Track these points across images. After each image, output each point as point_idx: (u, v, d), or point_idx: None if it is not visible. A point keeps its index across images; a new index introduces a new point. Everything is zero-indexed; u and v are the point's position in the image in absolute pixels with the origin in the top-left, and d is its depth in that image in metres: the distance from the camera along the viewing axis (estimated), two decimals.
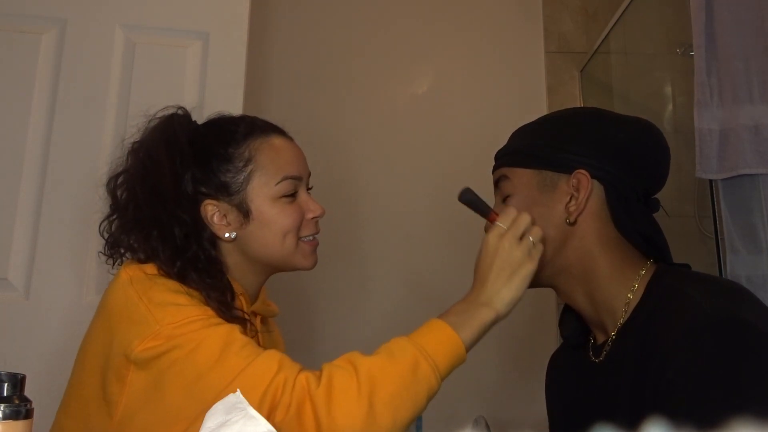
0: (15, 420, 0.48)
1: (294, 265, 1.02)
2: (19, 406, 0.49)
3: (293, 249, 1.00)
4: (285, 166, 1.01)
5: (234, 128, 1.01)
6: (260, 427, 0.49)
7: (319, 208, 1.04)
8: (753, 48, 1.28)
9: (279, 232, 0.98)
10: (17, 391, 0.50)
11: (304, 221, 1.01)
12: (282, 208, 0.99)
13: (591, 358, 0.93)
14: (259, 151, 0.99)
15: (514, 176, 0.94)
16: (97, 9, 1.54)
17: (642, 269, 0.88)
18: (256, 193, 0.98)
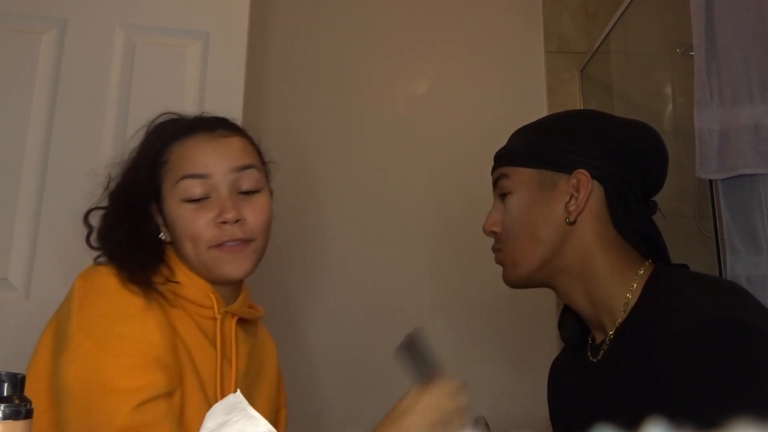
0: (15, 420, 0.48)
1: (215, 273, 0.94)
2: (19, 406, 0.49)
3: (205, 257, 0.93)
4: (187, 165, 0.94)
5: (164, 132, 1.00)
6: (260, 427, 0.49)
7: (227, 210, 0.92)
8: (753, 48, 1.28)
9: (187, 238, 0.93)
10: (17, 391, 0.50)
11: (214, 225, 0.92)
12: (184, 214, 0.93)
13: (589, 357, 0.94)
14: (172, 153, 0.96)
15: (514, 175, 0.95)
16: (97, 9, 1.54)
17: (640, 269, 0.89)
18: (165, 196, 0.95)
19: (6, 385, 0.50)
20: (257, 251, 0.97)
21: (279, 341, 1.17)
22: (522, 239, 0.94)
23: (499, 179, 0.98)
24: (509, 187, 0.96)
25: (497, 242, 0.99)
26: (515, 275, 0.96)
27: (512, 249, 0.95)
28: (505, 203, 0.96)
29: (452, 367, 2.06)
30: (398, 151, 2.07)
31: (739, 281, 1.27)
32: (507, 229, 0.96)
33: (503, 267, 0.98)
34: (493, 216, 0.98)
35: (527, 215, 0.93)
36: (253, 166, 0.98)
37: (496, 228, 0.98)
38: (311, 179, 2.03)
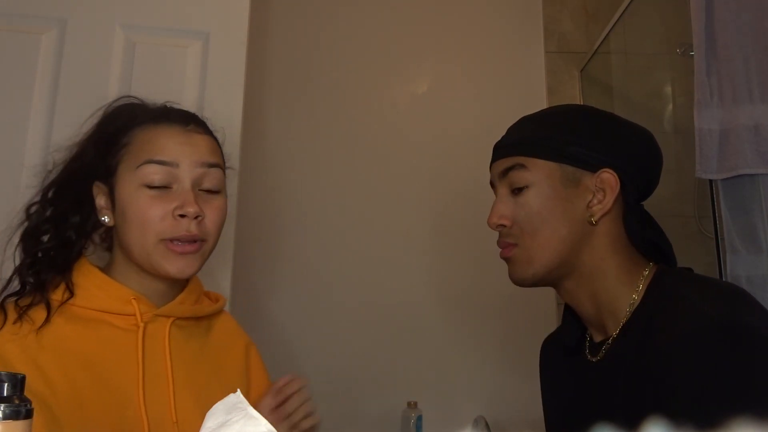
0: (15, 420, 0.48)
1: (156, 267, 0.90)
2: (19, 406, 0.49)
3: (152, 249, 0.89)
4: (153, 150, 0.91)
5: (131, 115, 0.96)
6: (260, 427, 0.49)
7: (190, 204, 0.89)
8: (753, 48, 1.28)
9: (137, 225, 0.89)
10: (17, 391, 0.50)
11: (172, 217, 0.89)
12: (140, 199, 0.89)
13: (588, 357, 0.93)
14: (136, 136, 0.93)
15: (534, 167, 0.91)
16: (97, 9, 1.54)
17: (645, 270, 0.89)
18: (121, 177, 0.91)
19: (6, 385, 0.50)
20: (206, 253, 0.94)
21: (277, 341, 1.17)
22: (543, 235, 0.90)
23: (513, 170, 0.92)
24: (527, 179, 0.91)
25: (508, 237, 0.94)
26: (529, 272, 0.92)
27: (530, 245, 0.91)
28: (519, 196, 0.92)
29: (452, 367, 2.07)
30: (398, 151, 2.07)
31: (739, 281, 1.27)
32: (522, 224, 0.91)
33: (513, 263, 0.94)
34: (500, 208, 0.94)
35: (550, 211, 0.89)
36: (219, 166, 0.96)
37: (505, 221, 0.93)
38: (311, 178, 2.02)
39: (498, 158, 0.97)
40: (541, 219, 0.89)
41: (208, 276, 1.39)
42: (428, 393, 1.87)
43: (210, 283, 1.40)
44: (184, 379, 0.92)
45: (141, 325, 0.90)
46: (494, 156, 0.98)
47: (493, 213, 0.95)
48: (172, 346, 0.92)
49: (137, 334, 0.89)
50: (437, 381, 1.92)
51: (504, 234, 0.95)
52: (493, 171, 0.98)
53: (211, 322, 1.02)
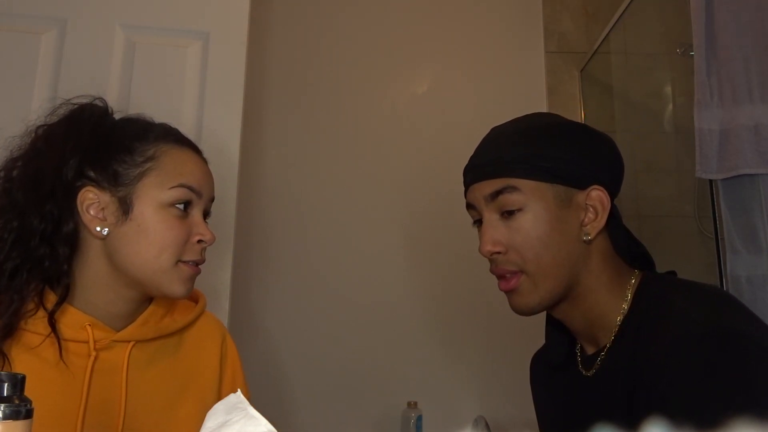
0: (15, 420, 0.48)
1: (163, 287, 0.88)
2: (19, 406, 0.49)
3: (168, 268, 0.88)
4: (186, 174, 0.91)
5: (149, 128, 0.94)
6: (261, 427, 0.49)
7: (209, 234, 0.92)
8: (753, 48, 1.28)
9: (156, 243, 0.87)
10: (17, 391, 0.50)
11: (189, 243, 0.90)
12: (167, 219, 0.88)
13: (581, 371, 0.92)
14: (165, 154, 0.91)
15: (526, 188, 0.86)
16: (97, 9, 1.54)
17: (632, 278, 0.88)
18: (145, 192, 0.88)
19: (6, 385, 0.50)
20: None
21: (277, 341, 1.16)
22: (545, 260, 0.85)
23: (503, 192, 0.87)
24: (520, 203, 0.86)
25: (507, 264, 0.88)
26: (535, 301, 0.87)
27: (536, 271, 0.86)
28: (511, 220, 0.87)
29: (452, 367, 2.07)
30: (398, 151, 2.07)
31: (739, 281, 1.27)
32: (522, 250, 0.86)
33: (519, 293, 0.88)
34: (492, 234, 0.88)
35: (549, 234, 0.85)
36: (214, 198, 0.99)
37: (500, 248, 0.88)
38: (311, 179, 2.02)
39: (479, 180, 0.91)
40: (542, 243, 0.85)
41: (209, 276, 1.39)
42: (428, 393, 1.87)
43: (210, 284, 1.40)
44: (142, 407, 0.89)
45: (92, 354, 0.86)
46: (473, 177, 0.92)
47: (485, 240, 0.88)
48: (131, 373, 0.89)
49: (87, 363, 0.86)
50: (437, 381, 1.92)
51: (501, 262, 0.88)
52: (475, 194, 0.91)
53: (183, 334, 0.98)
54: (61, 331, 0.85)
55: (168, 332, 0.95)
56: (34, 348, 0.84)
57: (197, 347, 0.99)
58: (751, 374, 0.71)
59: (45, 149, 0.90)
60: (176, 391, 0.93)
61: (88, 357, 0.86)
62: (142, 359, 0.91)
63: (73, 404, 0.84)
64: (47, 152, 0.89)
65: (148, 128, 0.94)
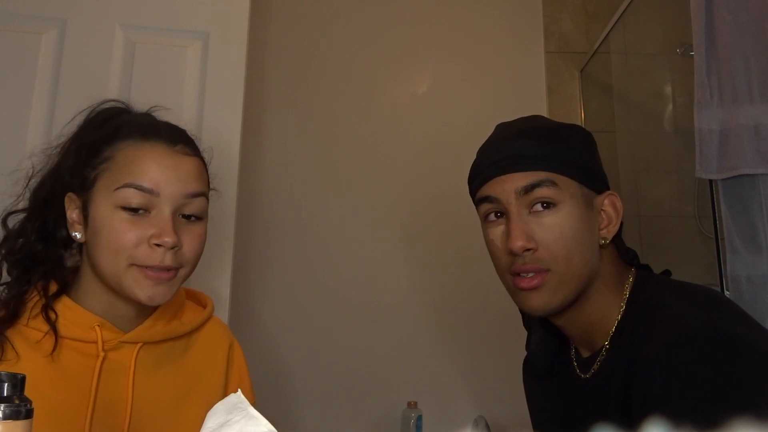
0: (15, 420, 0.48)
1: (125, 292, 0.85)
2: (19, 406, 0.49)
3: (121, 272, 0.84)
4: (135, 173, 0.85)
5: (121, 127, 0.90)
6: (261, 427, 0.49)
7: (168, 234, 0.84)
8: (753, 48, 1.28)
9: (108, 247, 0.84)
10: (17, 391, 0.50)
11: (148, 245, 0.84)
12: (115, 222, 0.84)
13: (578, 373, 0.92)
14: (120, 153, 0.87)
15: (563, 184, 0.85)
16: (97, 9, 1.54)
17: (629, 277, 0.89)
18: (98, 194, 0.86)
19: (6, 385, 0.50)
20: (180, 279, 0.88)
21: (276, 341, 1.16)
22: (575, 261, 0.83)
23: (541, 185, 0.84)
24: (556, 198, 0.84)
25: (537, 262, 0.84)
26: (558, 300, 0.85)
27: (564, 271, 0.83)
28: (544, 216, 0.84)
29: (452, 367, 2.07)
30: (398, 151, 2.07)
31: (739, 281, 1.27)
32: (554, 248, 0.83)
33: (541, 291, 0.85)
34: (523, 229, 0.84)
35: (581, 234, 0.84)
36: (203, 194, 0.90)
37: (533, 245, 0.84)
38: (311, 179, 2.02)
39: (513, 171, 0.86)
40: (575, 243, 0.83)
41: (209, 276, 1.39)
42: (428, 393, 1.87)
43: (210, 284, 1.40)
44: (148, 409, 0.88)
45: (101, 355, 0.85)
46: (503, 168, 0.87)
47: (516, 235, 0.84)
48: (138, 375, 0.88)
49: (96, 364, 0.85)
50: (437, 381, 1.92)
51: (529, 259, 0.84)
52: (504, 186, 0.86)
53: (190, 337, 0.97)
54: (71, 331, 0.86)
55: (175, 335, 0.93)
56: (38, 342, 0.85)
57: (204, 351, 0.98)
58: (743, 374, 0.71)
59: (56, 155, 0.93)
60: (182, 394, 0.93)
61: (97, 357, 0.86)
62: (149, 361, 0.90)
63: (81, 403, 0.84)
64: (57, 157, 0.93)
65: (120, 127, 0.90)
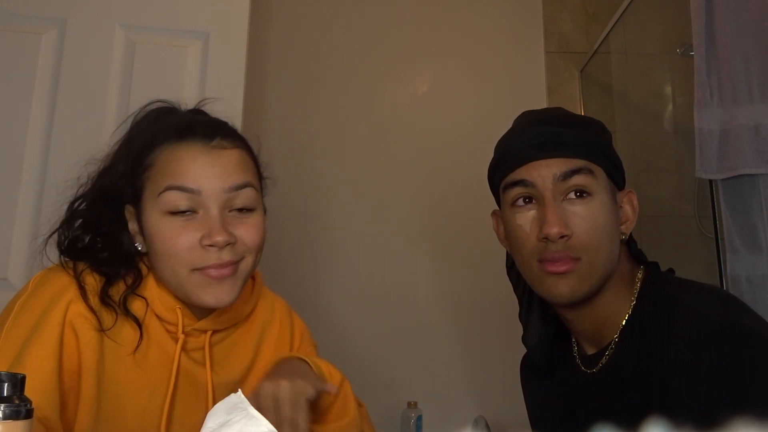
0: (15, 420, 0.48)
1: (192, 298, 0.84)
2: (19, 406, 0.49)
3: (184, 279, 0.82)
4: (175, 175, 0.82)
5: (158, 132, 0.88)
6: (261, 427, 0.49)
7: (217, 233, 0.81)
8: (753, 48, 1.28)
9: (167, 256, 0.82)
10: (17, 391, 0.50)
11: (200, 247, 0.81)
12: (166, 227, 0.82)
13: (582, 369, 0.92)
14: (159, 158, 0.85)
15: (599, 175, 0.85)
16: (97, 9, 1.54)
17: (639, 273, 0.89)
18: (146, 203, 0.84)
19: (6, 385, 0.50)
20: (243, 273, 0.86)
21: None
22: (605, 251, 0.84)
23: (580, 173, 0.83)
24: (593, 187, 0.84)
25: (570, 249, 0.83)
26: (585, 289, 0.84)
27: (595, 260, 0.83)
28: (578, 204, 0.83)
29: (452, 367, 2.07)
30: (398, 151, 2.07)
31: (739, 281, 1.27)
32: (586, 237, 0.83)
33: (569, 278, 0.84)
34: (560, 215, 0.83)
35: (611, 225, 0.85)
36: (249, 185, 0.87)
37: (569, 232, 0.83)
38: (312, 179, 2.02)
39: (554, 155, 0.85)
40: (605, 233, 0.84)
41: None
42: (428, 393, 1.87)
43: None
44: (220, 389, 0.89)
45: (181, 337, 0.86)
46: (544, 152, 0.85)
47: (553, 221, 0.82)
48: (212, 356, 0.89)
49: (176, 345, 0.86)
50: (437, 381, 1.92)
51: (564, 246, 0.83)
52: (541, 171, 0.85)
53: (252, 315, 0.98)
54: (159, 311, 0.86)
55: (242, 317, 0.95)
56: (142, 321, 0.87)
57: (266, 325, 0.99)
58: (764, 369, 0.72)
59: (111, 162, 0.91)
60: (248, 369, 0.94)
61: (176, 340, 0.87)
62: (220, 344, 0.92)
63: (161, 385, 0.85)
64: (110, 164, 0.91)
65: (155, 131, 0.88)
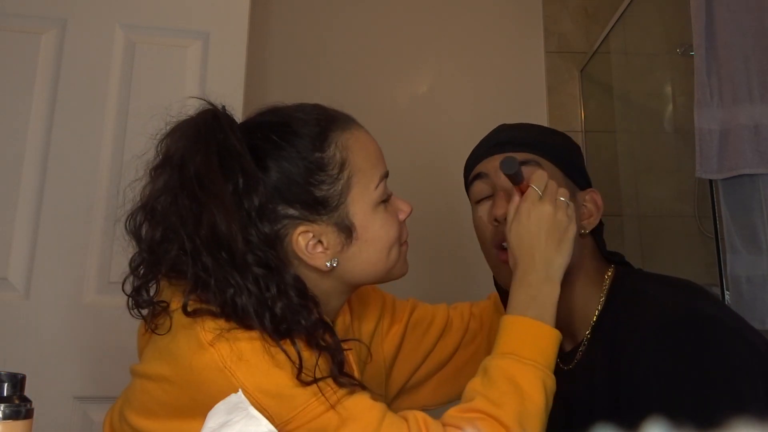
0: (15, 420, 0.48)
1: (391, 276, 0.86)
2: (19, 406, 0.49)
3: (396, 260, 0.85)
4: (377, 162, 0.83)
5: (303, 122, 0.80)
6: (261, 427, 0.49)
7: (407, 204, 0.87)
8: (753, 48, 1.28)
9: (384, 247, 0.82)
10: (17, 391, 0.50)
11: (403, 223, 0.86)
12: (383, 218, 0.82)
13: (559, 365, 0.93)
14: (349, 149, 0.80)
15: (547, 168, 0.90)
16: (97, 9, 1.54)
17: (608, 271, 0.93)
18: (356, 204, 0.79)
19: (6, 385, 0.50)
20: None
21: None
22: None
23: (527, 164, 0.89)
24: None
25: None
26: None
27: None
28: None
29: None
30: (398, 151, 2.07)
31: (739, 281, 1.27)
32: None
33: None
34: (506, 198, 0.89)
35: None
36: None
37: None
38: None
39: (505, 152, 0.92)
40: None
41: None
42: None
43: None
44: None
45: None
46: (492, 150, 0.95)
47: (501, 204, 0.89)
48: None
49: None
50: None
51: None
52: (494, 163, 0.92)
53: None
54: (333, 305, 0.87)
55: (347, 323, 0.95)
56: None
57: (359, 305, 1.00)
58: (723, 354, 0.74)
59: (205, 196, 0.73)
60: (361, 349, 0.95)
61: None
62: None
63: None
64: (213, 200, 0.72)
65: (304, 123, 0.81)
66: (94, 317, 1.41)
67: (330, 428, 0.69)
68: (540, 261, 0.80)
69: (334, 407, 0.70)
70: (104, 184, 1.46)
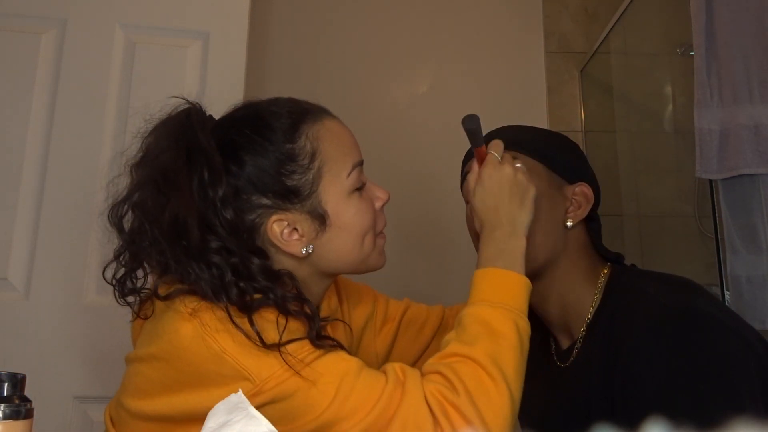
0: (15, 420, 0.48)
1: (367, 267, 0.88)
2: (19, 406, 0.49)
3: (371, 250, 0.87)
4: (350, 151, 0.86)
5: (276, 115, 0.85)
6: (261, 427, 0.49)
7: (384, 191, 0.89)
8: (753, 48, 1.28)
9: (358, 234, 0.84)
10: (17, 391, 0.50)
11: (380, 212, 0.88)
12: (357, 205, 0.84)
13: (557, 363, 0.95)
14: (320, 140, 0.83)
15: (526, 163, 0.93)
16: (97, 9, 1.54)
17: (604, 270, 0.94)
18: (328, 192, 0.82)
19: (6, 385, 0.50)
20: None
21: None
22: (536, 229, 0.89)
23: None
24: None
25: None
26: None
27: None
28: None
29: None
30: (398, 151, 2.07)
31: (739, 281, 1.27)
32: None
33: None
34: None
35: (547, 209, 0.92)
36: None
37: None
38: None
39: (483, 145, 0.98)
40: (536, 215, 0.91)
41: None
42: None
43: None
44: None
45: None
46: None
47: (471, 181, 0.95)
48: None
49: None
50: None
51: None
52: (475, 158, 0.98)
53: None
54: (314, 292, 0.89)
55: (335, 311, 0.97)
56: None
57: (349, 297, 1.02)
58: (718, 350, 0.75)
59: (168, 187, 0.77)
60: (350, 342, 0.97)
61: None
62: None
63: None
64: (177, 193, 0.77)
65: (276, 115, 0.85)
66: (94, 317, 1.41)
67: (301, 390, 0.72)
68: (505, 217, 0.84)
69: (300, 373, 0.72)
70: (104, 184, 1.46)
